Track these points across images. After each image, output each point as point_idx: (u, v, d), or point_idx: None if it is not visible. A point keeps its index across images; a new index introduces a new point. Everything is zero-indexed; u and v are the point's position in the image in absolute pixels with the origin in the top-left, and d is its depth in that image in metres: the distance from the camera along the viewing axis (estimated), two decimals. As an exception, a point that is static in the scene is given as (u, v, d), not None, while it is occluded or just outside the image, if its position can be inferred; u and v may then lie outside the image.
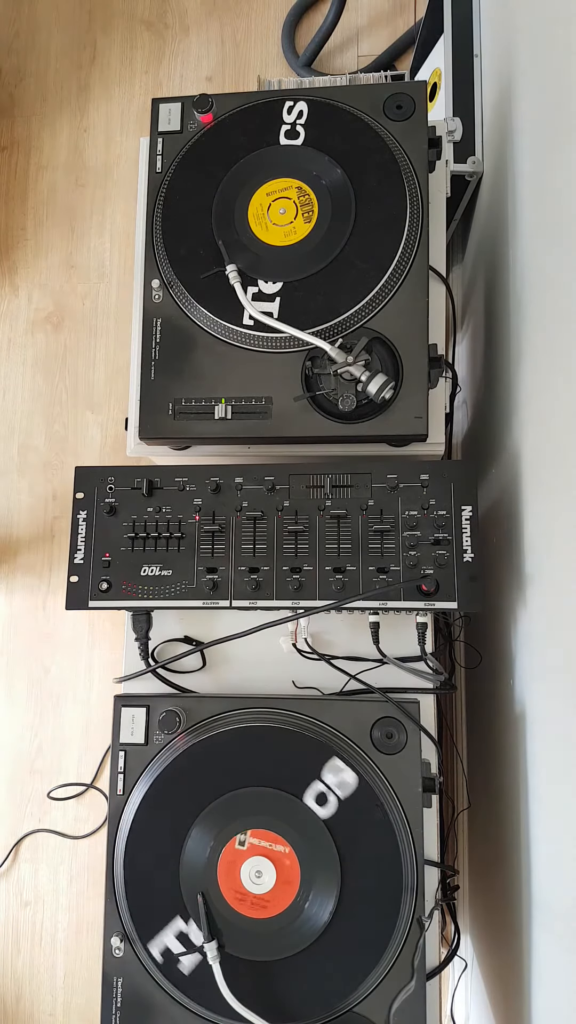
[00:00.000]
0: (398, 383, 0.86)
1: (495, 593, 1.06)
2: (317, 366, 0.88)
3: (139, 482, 0.90)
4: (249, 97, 0.97)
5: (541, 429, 0.88)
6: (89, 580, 0.89)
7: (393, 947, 0.79)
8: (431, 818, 0.85)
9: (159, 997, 0.81)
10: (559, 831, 0.79)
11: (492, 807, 1.09)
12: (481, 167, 1.29)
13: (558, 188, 0.82)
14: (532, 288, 0.92)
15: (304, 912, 0.80)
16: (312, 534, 0.86)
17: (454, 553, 0.83)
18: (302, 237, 0.92)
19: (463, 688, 1.36)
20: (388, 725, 0.83)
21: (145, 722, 0.87)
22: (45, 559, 1.85)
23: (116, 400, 1.89)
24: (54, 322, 1.94)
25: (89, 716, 1.77)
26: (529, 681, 0.91)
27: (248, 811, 0.83)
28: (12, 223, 2.00)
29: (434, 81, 1.44)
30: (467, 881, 1.28)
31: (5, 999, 1.69)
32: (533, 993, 0.86)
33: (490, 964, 1.09)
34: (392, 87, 0.93)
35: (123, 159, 1.99)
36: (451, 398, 1.01)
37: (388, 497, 0.86)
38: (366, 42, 1.92)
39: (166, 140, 0.97)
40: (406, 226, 0.89)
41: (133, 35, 2.03)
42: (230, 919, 0.81)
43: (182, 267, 0.92)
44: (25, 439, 1.90)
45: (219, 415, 0.89)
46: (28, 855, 1.73)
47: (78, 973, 1.68)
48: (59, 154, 2.01)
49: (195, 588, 0.87)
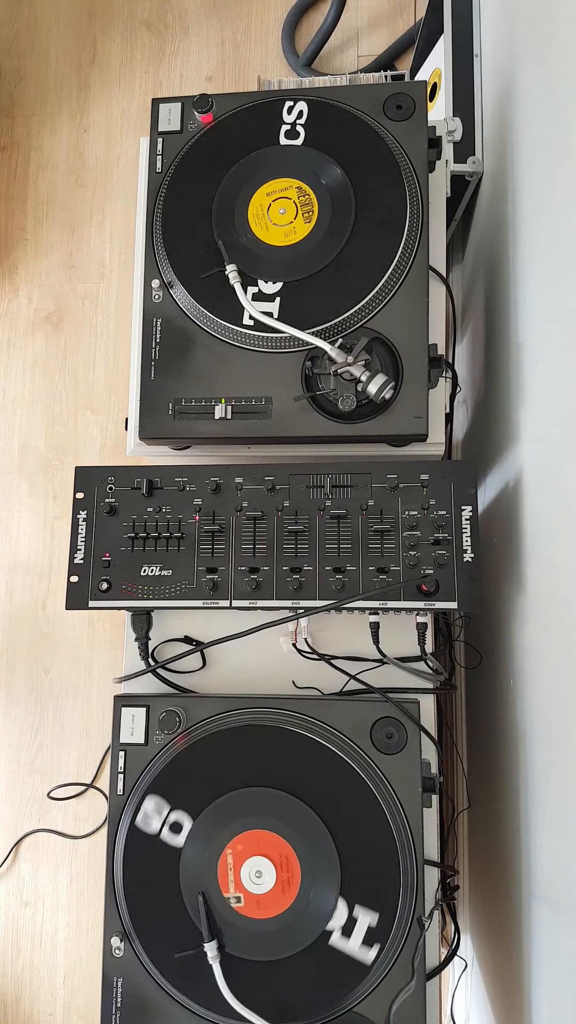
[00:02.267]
0: (398, 383, 0.86)
1: (495, 593, 1.06)
2: (317, 366, 0.88)
3: (139, 482, 0.90)
4: (249, 97, 0.97)
5: (541, 429, 0.88)
6: (89, 580, 0.89)
7: (393, 947, 0.79)
8: (431, 818, 0.85)
9: (159, 997, 0.81)
10: (559, 831, 0.79)
11: (492, 807, 1.09)
12: (481, 167, 1.29)
13: (558, 188, 0.83)
14: (532, 288, 0.92)
15: (304, 912, 0.80)
16: (312, 534, 0.86)
17: (454, 553, 0.83)
18: (302, 237, 0.92)
19: (463, 688, 1.36)
20: (388, 725, 0.83)
21: (145, 722, 0.87)
22: (45, 559, 1.85)
23: (116, 400, 1.89)
24: (54, 322, 1.94)
25: (89, 716, 1.77)
26: (529, 681, 0.91)
27: (248, 811, 0.83)
28: (12, 223, 2.00)
29: (434, 81, 1.44)
30: (467, 881, 1.28)
31: (5, 999, 1.69)
32: (533, 993, 0.86)
33: (490, 964, 1.09)
34: (392, 87, 0.93)
35: (123, 159, 1.99)
36: (451, 398, 1.01)
37: (388, 497, 0.86)
38: (366, 42, 1.92)
39: (166, 140, 0.97)
40: (406, 226, 0.89)
41: (133, 35, 2.04)
42: (230, 919, 0.81)
43: (182, 267, 0.92)
44: (25, 439, 1.90)
45: (219, 415, 0.89)
46: (28, 855, 1.73)
47: (78, 973, 1.68)
48: (59, 154, 2.01)
49: (195, 588, 0.87)
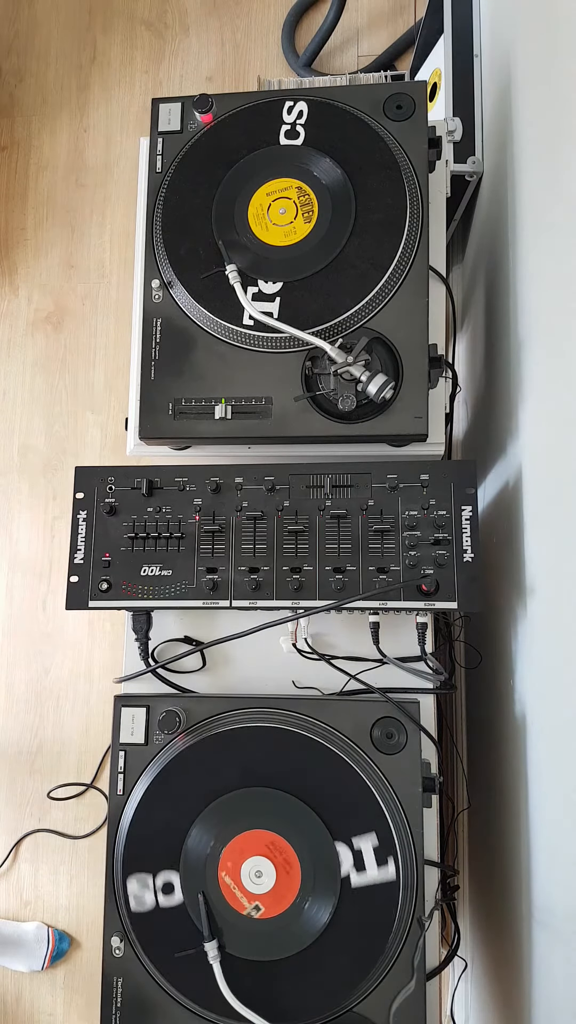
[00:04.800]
0: (398, 383, 0.86)
1: (495, 593, 1.06)
2: (317, 366, 0.88)
3: (139, 482, 0.90)
4: (249, 97, 0.97)
5: (541, 429, 0.88)
6: (89, 580, 0.89)
7: (393, 947, 0.79)
8: (431, 818, 0.85)
9: (159, 997, 0.81)
10: (559, 831, 0.79)
11: (492, 807, 1.09)
12: (481, 167, 1.29)
13: (558, 188, 0.82)
14: (532, 288, 0.92)
15: (304, 912, 0.80)
16: (312, 534, 0.86)
17: (454, 553, 0.83)
18: (302, 237, 0.92)
19: (463, 688, 1.36)
20: (388, 725, 0.83)
21: (145, 722, 0.87)
22: (45, 559, 1.85)
23: (116, 400, 1.89)
24: (54, 322, 1.94)
25: (89, 716, 1.77)
26: (529, 681, 0.91)
27: (248, 811, 0.83)
28: (12, 223, 2.00)
29: (434, 81, 1.44)
30: (467, 881, 1.28)
31: (5, 999, 1.69)
32: (533, 993, 0.86)
33: (490, 964, 1.09)
34: (392, 87, 0.93)
35: (123, 159, 1.99)
36: (451, 398, 1.01)
37: (388, 497, 0.86)
38: (366, 42, 1.92)
39: (166, 140, 0.97)
40: (406, 226, 0.89)
41: (133, 35, 2.04)
42: (230, 919, 0.81)
43: (182, 267, 0.92)
44: (25, 439, 1.90)
45: (219, 415, 0.89)
46: (28, 855, 1.73)
47: (78, 972, 1.68)
48: (59, 154, 2.01)
49: (195, 588, 0.87)
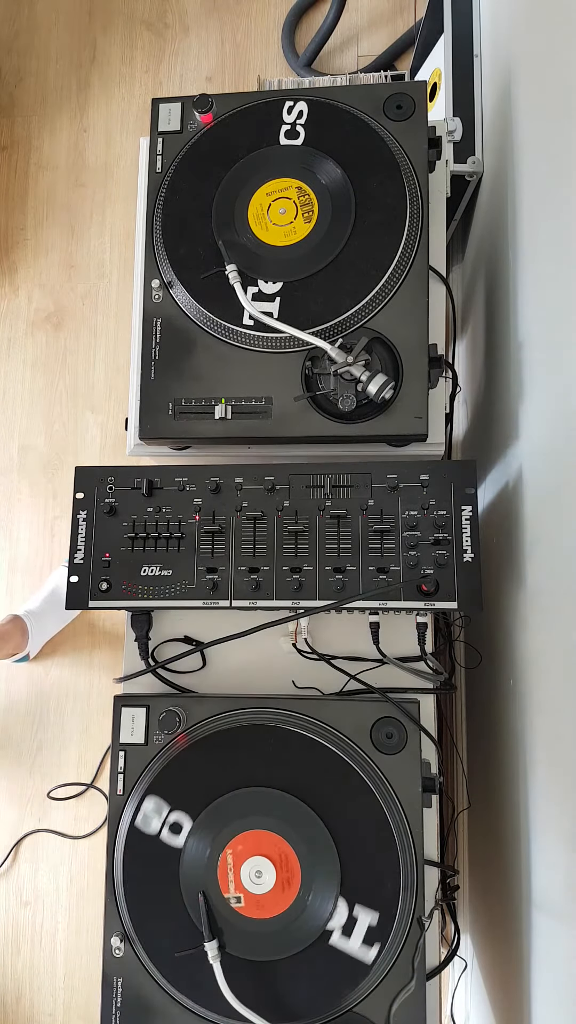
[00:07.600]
0: (398, 383, 0.86)
1: (495, 593, 1.06)
2: (317, 366, 0.88)
3: (139, 482, 0.90)
4: (249, 97, 0.97)
5: (541, 429, 0.88)
6: (89, 580, 0.89)
7: (393, 947, 0.79)
8: (431, 818, 0.85)
9: (159, 997, 0.81)
10: (559, 831, 0.79)
11: (492, 807, 1.09)
12: (481, 167, 1.29)
13: (558, 188, 0.82)
14: (532, 288, 0.92)
15: (304, 912, 0.80)
16: (312, 534, 0.86)
17: (454, 553, 0.83)
18: (302, 237, 0.92)
19: (463, 688, 1.36)
20: (388, 725, 0.83)
21: (145, 722, 0.87)
22: (45, 559, 1.85)
23: (116, 400, 1.89)
24: (54, 322, 1.94)
25: (89, 716, 1.77)
26: (529, 681, 0.91)
27: (248, 811, 0.83)
28: (12, 223, 2.00)
29: (434, 81, 1.44)
30: (467, 881, 1.28)
31: (5, 999, 1.69)
32: (533, 993, 0.86)
33: (490, 964, 1.09)
34: (392, 87, 0.93)
35: (123, 159, 1.99)
36: (451, 398, 1.01)
37: (388, 497, 0.86)
38: (366, 42, 1.92)
39: (166, 140, 0.97)
40: (406, 226, 0.89)
41: (133, 35, 2.04)
42: (230, 919, 0.81)
43: (182, 267, 0.92)
44: (25, 439, 1.90)
45: (219, 415, 0.89)
46: (28, 855, 1.73)
47: (78, 973, 1.68)
48: (59, 154, 2.01)
49: (195, 588, 0.87)
